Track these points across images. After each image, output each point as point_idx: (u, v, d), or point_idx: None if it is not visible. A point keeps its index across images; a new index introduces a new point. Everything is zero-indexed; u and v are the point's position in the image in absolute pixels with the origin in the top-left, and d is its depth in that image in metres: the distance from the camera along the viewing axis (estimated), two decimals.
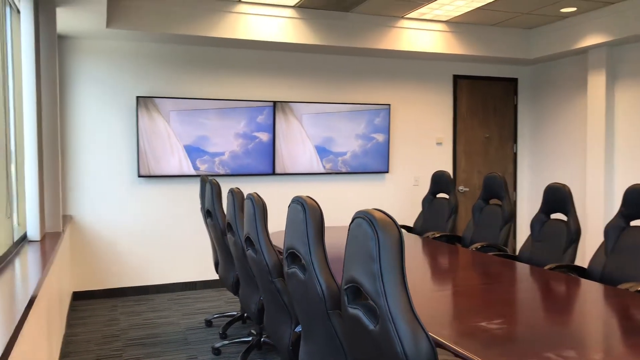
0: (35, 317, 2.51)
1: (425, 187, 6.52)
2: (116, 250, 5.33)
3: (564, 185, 3.66)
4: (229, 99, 5.59)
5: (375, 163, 6.19)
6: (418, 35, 5.81)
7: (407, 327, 1.27)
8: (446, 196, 5.64)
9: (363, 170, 6.14)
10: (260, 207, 2.49)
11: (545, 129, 6.74)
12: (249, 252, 2.73)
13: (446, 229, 4.81)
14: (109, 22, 4.74)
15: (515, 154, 6.96)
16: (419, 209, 6.43)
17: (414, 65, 6.41)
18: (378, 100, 6.26)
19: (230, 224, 3.18)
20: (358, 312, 1.43)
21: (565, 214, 3.66)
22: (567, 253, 3.56)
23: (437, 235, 4.72)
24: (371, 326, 1.37)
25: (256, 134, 5.70)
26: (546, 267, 3.33)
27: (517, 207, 7.00)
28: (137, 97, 5.26)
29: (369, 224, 1.37)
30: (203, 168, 5.52)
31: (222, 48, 5.61)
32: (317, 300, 1.83)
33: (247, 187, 5.76)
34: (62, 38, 5.08)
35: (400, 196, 6.39)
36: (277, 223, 5.87)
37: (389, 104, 6.22)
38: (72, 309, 4.92)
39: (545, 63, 6.70)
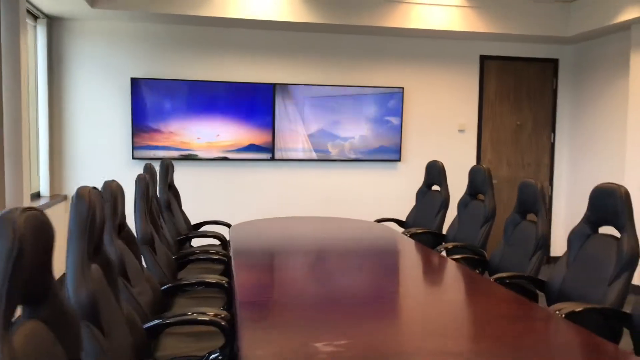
0: None
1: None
2: None
3: (537, 182, 3.13)
4: (225, 81, 5.41)
5: (386, 151, 5.78)
6: (431, 11, 5.29)
7: None
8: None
9: (372, 158, 5.75)
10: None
11: (588, 116, 5.96)
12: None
13: (433, 225, 4.36)
14: (94, 2, 4.71)
15: (552, 144, 6.24)
16: None
17: (432, 45, 5.88)
18: (389, 83, 5.82)
19: None
20: None
21: (536, 215, 3.14)
22: (532, 261, 3.04)
23: (419, 231, 4.29)
24: None
25: (255, 116, 5.49)
26: (493, 278, 2.86)
27: (553, 203, 6.28)
28: (132, 79, 5.22)
29: None
30: (202, 154, 5.40)
31: (218, 28, 5.43)
32: None
33: (247, 173, 5.58)
34: (54, 20, 5.12)
35: (413, 187, 5.92)
36: (274, 212, 5.65)
37: (402, 87, 5.76)
38: None
39: (589, 42, 5.90)
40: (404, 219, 5.32)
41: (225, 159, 5.48)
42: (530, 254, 3.07)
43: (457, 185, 5.66)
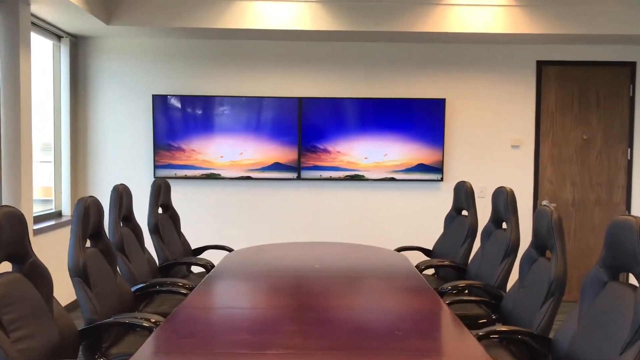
0: None
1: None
2: None
3: (553, 210, 2.49)
4: (248, 96, 5.13)
5: (426, 169, 5.20)
6: (472, 13, 4.70)
7: None
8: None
9: (410, 178, 5.19)
10: None
11: None
12: None
13: (458, 256, 3.74)
14: (109, 20, 4.62)
15: (630, 162, 5.33)
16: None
17: (477, 51, 5.24)
18: (428, 94, 5.25)
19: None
20: None
21: (551, 252, 2.50)
22: (541, 311, 2.40)
23: (437, 264, 3.70)
24: None
25: (280, 132, 5.15)
26: (482, 332, 2.27)
27: None
28: (153, 96, 5.09)
29: None
30: (225, 173, 5.13)
31: (238, 40, 5.16)
32: None
33: (271, 193, 5.23)
34: (79, 38, 5.11)
35: None
36: (298, 236, 5.25)
37: (444, 99, 5.17)
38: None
39: None
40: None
41: (248, 178, 5.17)
42: (542, 300, 2.43)
43: None
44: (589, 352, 1.99)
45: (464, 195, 3.88)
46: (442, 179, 5.23)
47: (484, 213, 4.73)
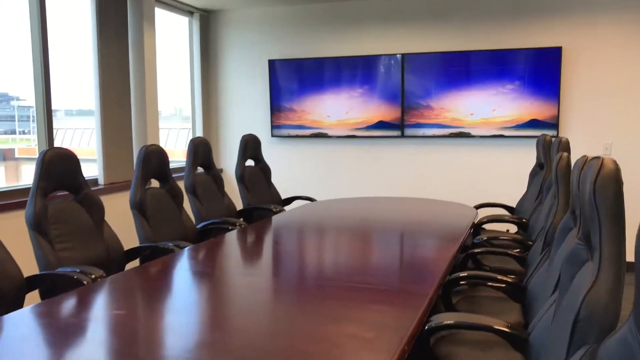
0: None
1: (622, 158, 4.74)
2: None
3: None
4: (352, 56, 5.29)
5: (540, 125, 4.85)
6: None
7: None
8: None
9: (521, 134, 4.90)
10: None
11: None
12: None
13: (528, 213, 3.53)
14: None
15: None
16: None
17: None
18: (541, 42, 4.83)
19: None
20: None
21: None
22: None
23: (499, 218, 3.54)
24: None
25: (384, 90, 5.24)
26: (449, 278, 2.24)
27: None
28: (269, 61, 5.55)
29: None
30: (332, 132, 5.42)
31: (342, 2, 5.32)
32: None
33: (375, 151, 5.38)
34: (211, 12, 5.76)
35: None
36: (396, 192, 5.31)
37: (560, 47, 4.73)
38: None
39: None
40: None
41: (354, 136, 5.38)
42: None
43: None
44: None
45: (540, 147, 3.61)
46: (557, 135, 4.82)
47: None
